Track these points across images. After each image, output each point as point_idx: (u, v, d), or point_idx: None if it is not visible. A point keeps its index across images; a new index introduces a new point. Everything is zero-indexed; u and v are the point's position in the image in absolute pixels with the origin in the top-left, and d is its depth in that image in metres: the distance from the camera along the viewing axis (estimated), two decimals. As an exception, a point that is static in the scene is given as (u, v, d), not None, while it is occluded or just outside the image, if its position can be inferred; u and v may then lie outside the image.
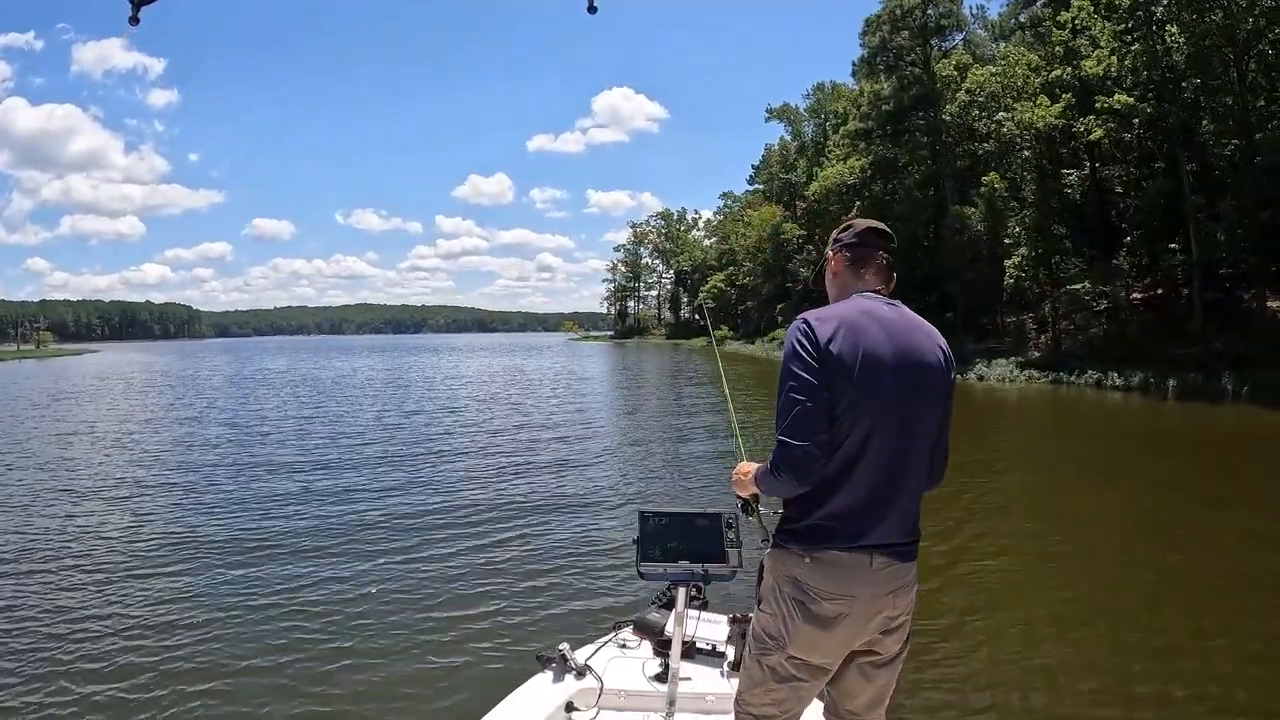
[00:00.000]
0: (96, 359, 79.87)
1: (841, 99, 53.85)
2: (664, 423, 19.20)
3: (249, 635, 5.57)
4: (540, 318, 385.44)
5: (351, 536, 8.23)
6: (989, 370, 30.54)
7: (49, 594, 6.48)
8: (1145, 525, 8.98)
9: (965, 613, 6.01)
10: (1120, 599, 6.41)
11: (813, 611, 2.00)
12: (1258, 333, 23.87)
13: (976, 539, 8.30)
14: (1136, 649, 5.34)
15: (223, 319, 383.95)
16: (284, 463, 13.05)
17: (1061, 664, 5.12)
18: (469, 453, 14.14)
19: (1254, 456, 14.43)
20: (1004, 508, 10.12)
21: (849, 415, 1.96)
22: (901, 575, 2.03)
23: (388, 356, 69.85)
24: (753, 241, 65.91)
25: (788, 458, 1.97)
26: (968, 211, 35.44)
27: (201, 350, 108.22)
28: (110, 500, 10.24)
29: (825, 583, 1.99)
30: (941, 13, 38.92)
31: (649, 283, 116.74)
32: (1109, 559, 7.73)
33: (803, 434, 1.94)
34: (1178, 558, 7.67)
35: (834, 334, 1.98)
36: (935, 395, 2.07)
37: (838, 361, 1.95)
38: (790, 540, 2.05)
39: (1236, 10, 22.96)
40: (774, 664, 2.08)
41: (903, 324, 2.06)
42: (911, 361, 2.02)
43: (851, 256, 2.23)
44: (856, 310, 2.06)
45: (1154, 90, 26.07)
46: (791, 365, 2.00)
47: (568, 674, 2.95)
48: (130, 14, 2.47)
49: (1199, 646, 5.34)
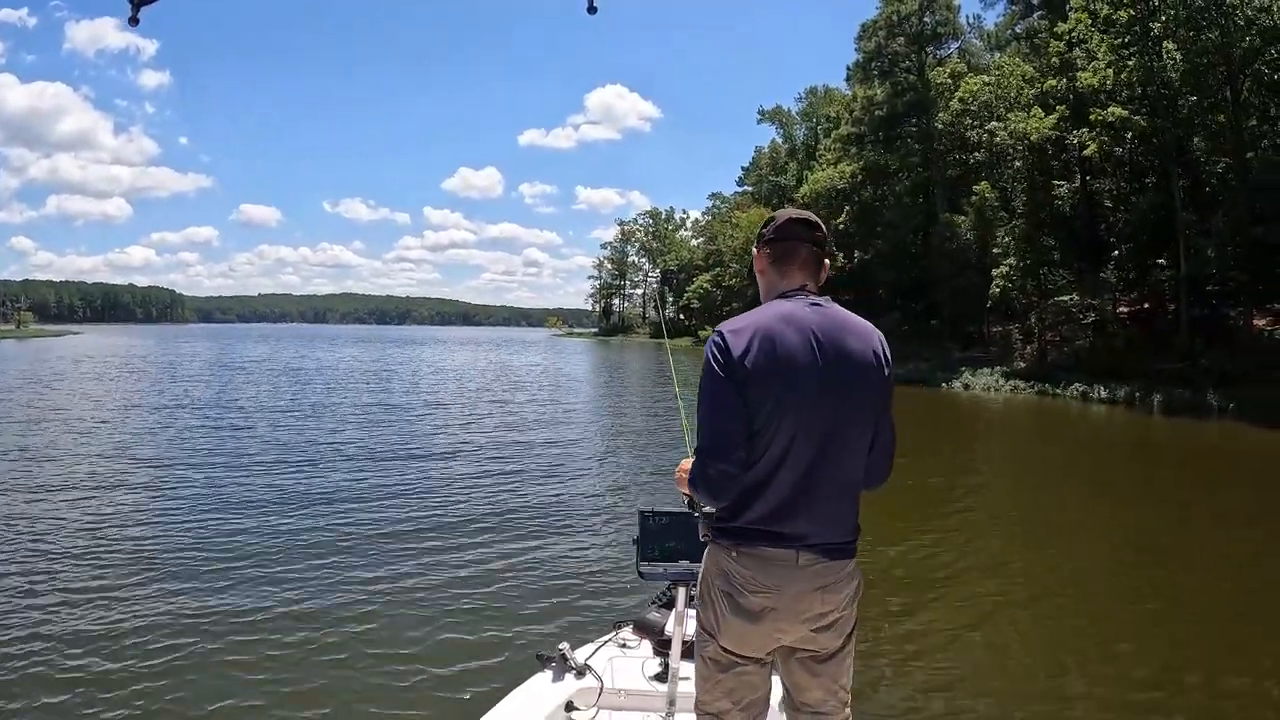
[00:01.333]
0: (78, 340, 78.48)
1: (834, 103, 53.89)
2: (658, 423, 18.98)
3: (249, 636, 5.41)
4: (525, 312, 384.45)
5: (350, 537, 8.03)
6: (974, 379, 30.51)
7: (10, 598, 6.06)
8: (1130, 539, 8.92)
9: (940, 621, 6.01)
10: (1109, 614, 6.34)
11: (740, 604, 2.01)
12: (1244, 350, 24.00)
13: (959, 546, 8.31)
14: (1124, 661, 5.32)
15: (206, 304, 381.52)
16: (274, 461, 12.60)
17: (1037, 674, 5.17)
18: (466, 453, 13.80)
19: (1244, 473, 14.41)
20: (987, 515, 10.13)
21: (770, 424, 1.94)
22: (831, 573, 2.01)
23: (373, 348, 68.85)
24: (740, 243, 65.74)
25: (704, 477, 1.97)
26: (957, 220, 35.49)
27: (183, 335, 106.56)
28: (74, 496, 9.78)
29: (752, 577, 1.99)
30: (938, 20, 38.96)
31: (635, 281, 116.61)
32: (1093, 572, 7.65)
33: (718, 455, 1.94)
34: (1162, 572, 7.62)
35: (748, 345, 1.94)
36: (864, 395, 2.01)
37: (752, 374, 1.93)
38: (721, 536, 2.05)
39: (1233, 29, 22.99)
40: (713, 655, 2.09)
41: (826, 326, 1.99)
42: (835, 365, 1.96)
43: (773, 252, 2.16)
44: (774, 316, 2.00)
45: (1148, 105, 26.14)
46: (707, 381, 1.98)
47: (568, 673, 2.94)
48: (130, 14, 2.49)
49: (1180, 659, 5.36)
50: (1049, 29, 32.46)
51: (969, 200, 34.58)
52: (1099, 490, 12.18)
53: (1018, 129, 31.25)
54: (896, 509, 9.27)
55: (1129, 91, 26.30)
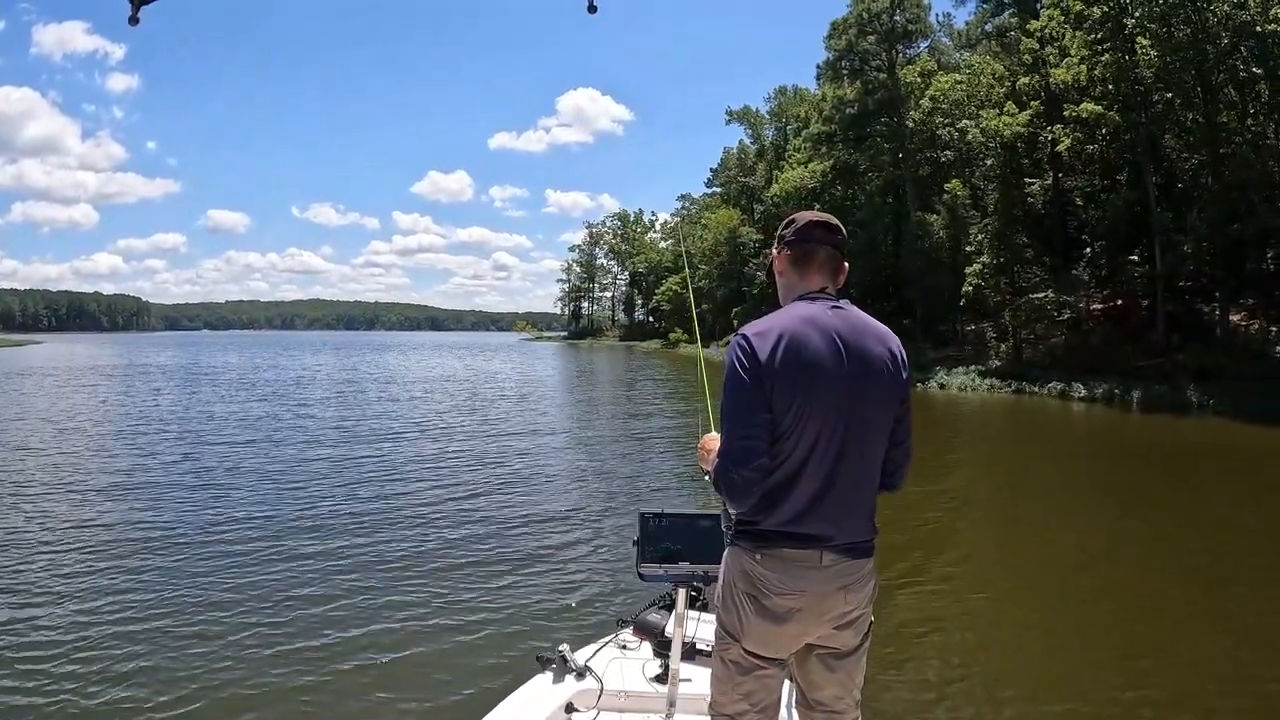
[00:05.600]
0: (40, 350, 76.52)
1: (804, 103, 53.75)
2: (650, 424, 18.89)
3: (247, 636, 5.43)
4: (494, 317, 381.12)
5: (349, 538, 8.07)
6: (950, 379, 30.23)
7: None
8: (1118, 540, 8.85)
9: (929, 621, 6.02)
10: (1090, 616, 6.35)
11: (765, 606, 2.01)
12: (1220, 345, 23.98)
13: (960, 547, 8.38)
14: (1104, 664, 5.34)
15: (173, 311, 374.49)
16: (270, 465, 12.51)
17: (1016, 675, 5.22)
18: (462, 457, 13.74)
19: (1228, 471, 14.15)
20: (973, 519, 10.14)
21: (795, 427, 1.94)
22: (853, 571, 2.03)
23: (343, 354, 67.13)
24: (709, 244, 65.42)
25: (727, 481, 1.97)
26: (929, 218, 35.31)
27: (147, 344, 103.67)
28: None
29: (776, 578, 1.99)
30: (909, 18, 38.79)
31: (604, 284, 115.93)
32: (1078, 573, 7.54)
33: (741, 460, 1.94)
34: (1134, 573, 7.52)
35: (774, 348, 1.95)
36: (885, 399, 2.03)
37: (779, 377, 1.93)
38: (743, 538, 2.06)
39: (1208, 24, 22.91)
40: (734, 657, 2.09)
41: (847, 329, 2.00)
42: (858, 367, 1.98)
43: (794, 254, 2.16)
44: (797, 319, 2.01)
45: (1121, 101, 26.06)
46: (731, 384, 1.98)
47: (568, 675, 2.95)
48: (130, 14, 2.49)
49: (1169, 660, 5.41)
50: (1020, 26, 32.41)
51: (940, 198, 34.42)
52: (1096, 493, 11.94)
53: (990, 126, 31.11)
54: (896, 509, 8.95)
55: (1102, 88, 26.22)
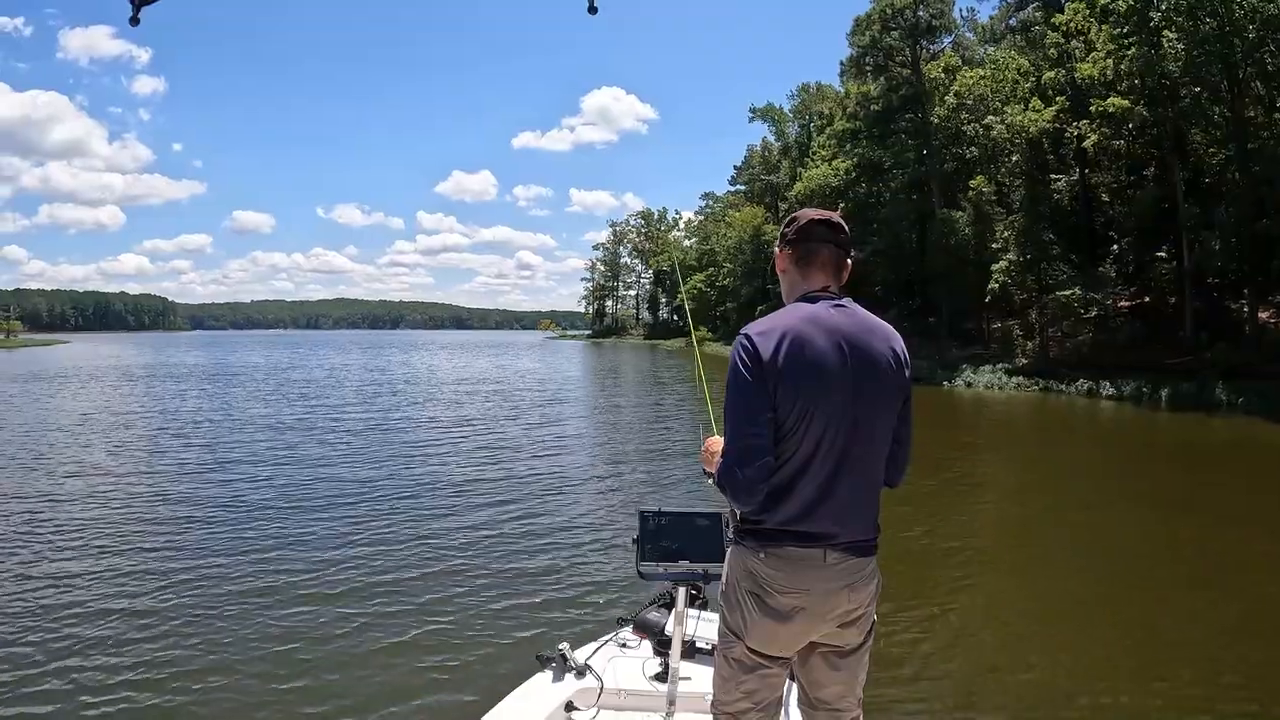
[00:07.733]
0: (66, 350, 77.86)
1: (826, 100, 53.48)
2: (659, 424, 18.86)
3: (246, 636, 5.45)
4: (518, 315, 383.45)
5: (349, 539, 8.06)
6: (976, 377, 30.10)
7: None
8: (1147, 540, 8.72)
9: (940, 621, 5.99)
10: (1110, 616, 6.24)
11: (769, 605, 2.02)
12: (1249, 342, 23.68)
13: (980, 546, 8.28)
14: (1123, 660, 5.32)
15: (199, 311, 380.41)
16: (272, 461, 12.75)
17: (1031, 675, 5.14)
18: (463, 454, 13.83)
19: (1258, 469, 14.05)
20: (994, 515, 10.06)
21: (799, 427, 1.95)
22: (857, 570, 2.03)
23: (370, 354, 68.15)
24: (733, 243, 65.34)
25: (732, 480, 1.97)
26: (954, 215, 35.09)
27: (174, 344, 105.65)
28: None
29: (780, 577, 2.00)
30: (932, 14, 38.51)
31: (628, 282, 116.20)
32: (1101, 573, 7.44)
33: (745, 460, 1.94)
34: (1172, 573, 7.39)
35: (777, 348, 1.95)
36: (887, 397, 2.04)
37: (782, 376, 1.93)
38: (747, 537, 2.06)
39: (1235, 18, 22.64)
40: (737, 656, 2.09)
41: (850, 327, 2.01)
42: (861, 365, 1.98)
43: (796, 253, 2.16)
44: (800, 318, 2.01)
45: (1148, 96, 25.79)
46: (734, 384, 1.98)
47: (568, 674, 2.94)
48: (131, 14, 2.49)
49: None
50: (1045, 20, 32.11)
51: (966, 195, 34.19)
52: (1125, 493, 11.76)
53: (1015, 122, 30.87)
54: (906, 508, 9.05)
55: (1128, 82, 25.95)
